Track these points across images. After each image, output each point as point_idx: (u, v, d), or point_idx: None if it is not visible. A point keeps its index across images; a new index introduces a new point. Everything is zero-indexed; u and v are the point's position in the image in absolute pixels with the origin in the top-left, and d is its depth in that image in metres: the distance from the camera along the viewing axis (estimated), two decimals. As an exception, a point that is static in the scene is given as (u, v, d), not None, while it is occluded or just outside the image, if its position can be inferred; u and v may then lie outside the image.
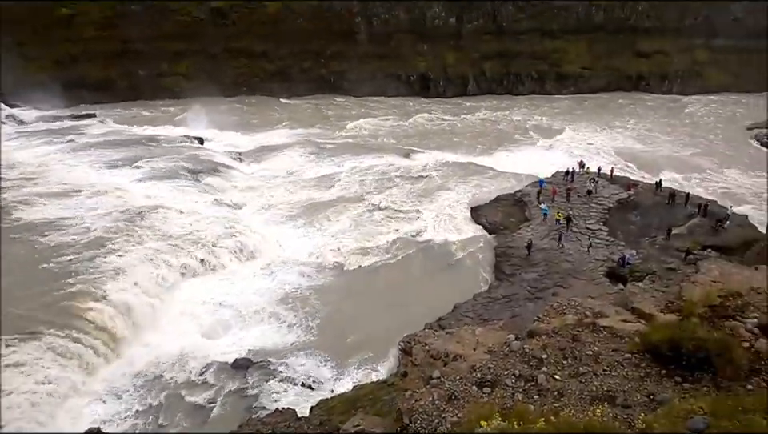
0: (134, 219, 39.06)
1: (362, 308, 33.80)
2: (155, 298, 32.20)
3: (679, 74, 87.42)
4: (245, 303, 33.33)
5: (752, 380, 6.02)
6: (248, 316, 32.17)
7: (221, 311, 32.32)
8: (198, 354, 28.33)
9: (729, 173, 61.14)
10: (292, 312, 33.04)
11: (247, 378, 27.04)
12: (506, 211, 45.91)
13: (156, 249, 35.65)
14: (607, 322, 8.03)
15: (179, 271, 35.16)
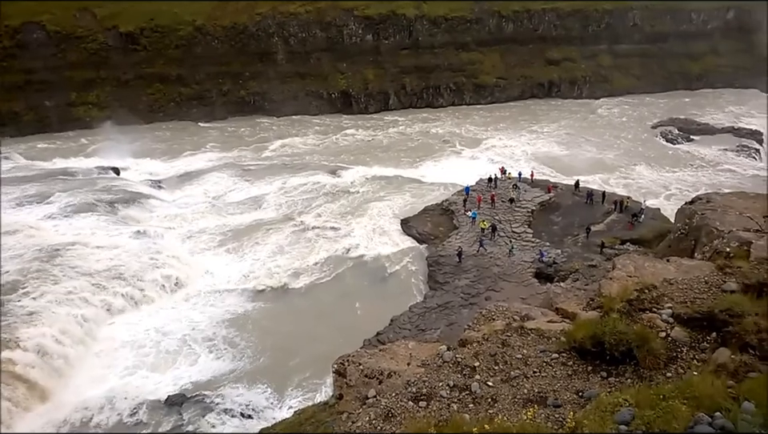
0: (48, 258, 36.61)
1: (299, 330, 33.18)
2: (76, 340, 30.27)
3: (587, 79, 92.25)
4: (175, 336, 31.98)
5: (671, 368, 6.23)
6: (180, 349, 30.87)
7: (150, 347, 30.87)
8: (129, 394, 26.89)
9: (639, 169, 65.01)
10: (226, 341, 31.96)
11: (182, 414, 25.83)
12: (434, 221, 46.63)
13: (74, 288, 33.56)
14: (534, 324, 8.14)
15: (102, 309, 33.37)
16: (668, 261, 8.61)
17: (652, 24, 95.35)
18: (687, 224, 10.96)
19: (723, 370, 5.78)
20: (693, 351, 6.39)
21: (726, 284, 7.46)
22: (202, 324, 33.26)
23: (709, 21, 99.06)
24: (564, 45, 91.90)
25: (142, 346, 30.89)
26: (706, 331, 6.53)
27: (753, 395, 4.98)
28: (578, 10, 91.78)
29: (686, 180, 61.79)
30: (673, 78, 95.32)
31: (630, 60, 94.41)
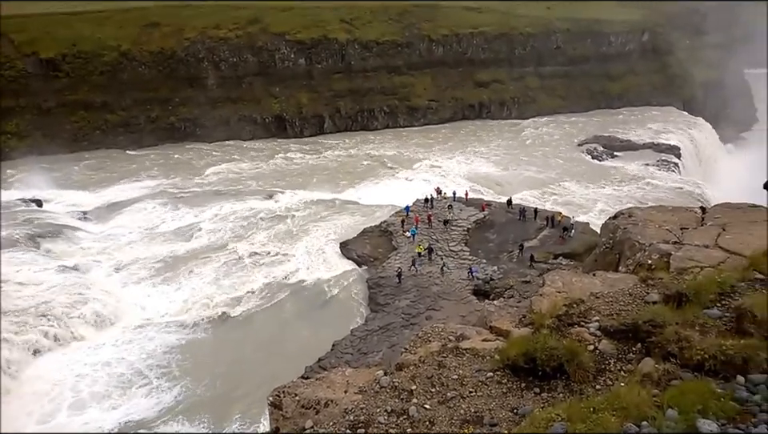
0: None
1: (238, 360, 32.18)
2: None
3: (516, 100, 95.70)
4: (107, 373, 30.46)
5: (599, 380, 6.33)
6: (112, 388, 29.33)
7: (80, 387, 29.25)
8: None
9: (568, 185, 67.66)
10: (161, 376, 30.57)
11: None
12: (374, 243, 46.63)
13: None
14: (469, 344, 8.15)
15: (27, 349, 31.40)
16: (594, 275, 8.86)
17: (574, 47, 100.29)
18: (611, 238, 11.40)
19: (648, 379, 5.91)
20: (620, 363, 6.53)
21: (648, 295, 7.71)
22: (135, 360, 31.74)
23: (626, 43, 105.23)
24: (492, 67, 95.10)
25: (73, 386, 29.14)
26: (632, 342, 6.71)
27: (675, 402, 5.10)
28: (504, 33, 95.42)
29: (612, 195, 64.79)
30: (595, 98, 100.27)
31: (555, 81, 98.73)
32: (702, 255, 9.21)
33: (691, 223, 10.94)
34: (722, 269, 8.32)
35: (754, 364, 5.51)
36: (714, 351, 5.70)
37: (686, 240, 10.03)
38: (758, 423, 4.71)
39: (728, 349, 5.64)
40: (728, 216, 10.94)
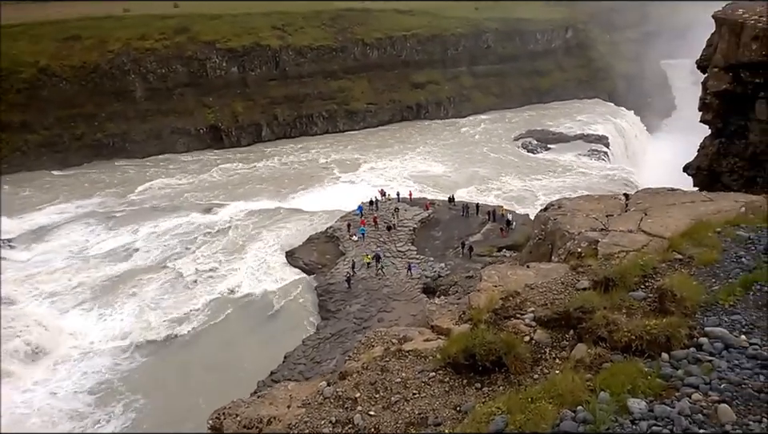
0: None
1: (185, 384, 31.16)
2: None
3: (452, 100, 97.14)
4: (42, 410, 28.70)
5: (536, 370, 6.45)
6: (49, 424, 27.64)
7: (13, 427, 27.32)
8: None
9: (507, 179, 69.40)
10: (102, 407, 29.22)
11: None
12: (320, 250, 46.33)
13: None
14: (411, 345, 8.16)
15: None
16: (528, 267, 9.06)
17: (503, 46, 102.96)
18: (543, 230, 11.73)
19: (581, 365, 6.06)
20: (555, 351, 6.68)
21: (579, 283, 7.94)
22: (72, 392, 30.17)
23: (552, 40, 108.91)
24: (427, 68, 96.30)
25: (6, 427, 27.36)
26: (565, 330, 6.87)
27: (607, 384, 5.24)
28: (436, 35, 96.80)
29: (548, 186, 66.89)
30: (527, 94, 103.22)
31: (488, 79, 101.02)
32: (627, 240, 9.60)
33: (616, 210, 11.40)
34: (645, 252, 8.68)
35: (676, 341, 5.74)
36: (639, 332, 5.90)
37: (611, 227, 10.44)
38: (681, 397, 4.90)
39: (652, 329, 5.85)
40: (649, 201, 11.47)
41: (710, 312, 6.17)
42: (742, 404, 4.67)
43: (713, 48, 26.53)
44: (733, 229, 8.21)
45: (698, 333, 5.84)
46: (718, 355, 5.43)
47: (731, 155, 26.10)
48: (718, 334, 5.68)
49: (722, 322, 5.95)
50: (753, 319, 5.91)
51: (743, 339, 5.57)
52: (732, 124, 26.01)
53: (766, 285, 6.38)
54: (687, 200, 11.62)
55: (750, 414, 4.56)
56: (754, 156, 24.51)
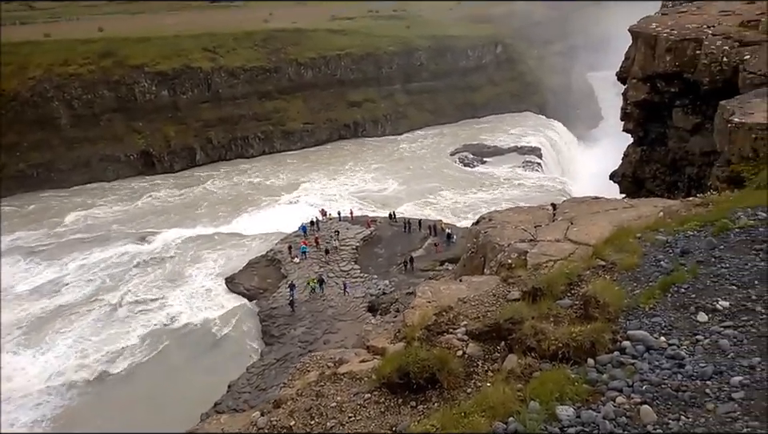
0: None
1: (123, 422, 29.62)
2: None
3: (388, 117, 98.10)
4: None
5: (470, 384, 6.43)
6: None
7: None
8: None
9: (446, 193, 70.54)
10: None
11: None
12: (261, 274, 45.46)
13: None
14: (347, 367, 8.01)
15: None
16: (461, 281, 9.12)
17: (436, 63, 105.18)
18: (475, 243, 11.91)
19: (512, 376, 6.07)
20: (487, 364, 6.68)
21: (509, 294, 8.02)
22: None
23: (482, 56, 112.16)
24: (363, 87, 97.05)
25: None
26: (496, 342, 6.90)
27: (537, 393, 5.26)
28: (370, 53, 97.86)
29: (486, 198, 68.44)
30: (461, 109, 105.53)
31: (423, 96, 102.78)
32: (554, 249, 9.85)
33: (544, 220, 11.72)
34: (571, 260, 8.92)
35: (601, 346, 5.84)
36: (566, 340, 5.98)
37: (540, 237, 10.71)
38: (606, 401, 4.97)
39: (578, 335, 5.94)
40: (575, 210, 11.86)
41: (632, 316, 6.33)
42: (662, 404, 4.78)
43: (631, 60, 28.05)
44: (652, 234, 8.52)
45: (621, 337, 5.97)
46: (639, 357, 5.56)
47: (653, 162, 27.54)
48: (639, 337, 5.82)
49: (643, 325, 6.10)
50: (671, 320, 6.10)
51: (662, 340, 5.73)
52: (652, 132, 27.49)
53: (682, 287, 6.62)
54: (610, 207, 12.11)
55: (670, 413, 4.67)
56: (673, 162, 25.94)
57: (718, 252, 7.24)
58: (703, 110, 23.14)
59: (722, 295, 6.21)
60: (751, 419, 4.30)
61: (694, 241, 7.83)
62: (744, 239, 7.44)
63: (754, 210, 8.25)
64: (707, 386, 4.81)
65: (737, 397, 4.56)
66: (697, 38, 22.87)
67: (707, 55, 21.96)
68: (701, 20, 24.88)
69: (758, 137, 13.67)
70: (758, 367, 4.88)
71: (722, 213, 8.39)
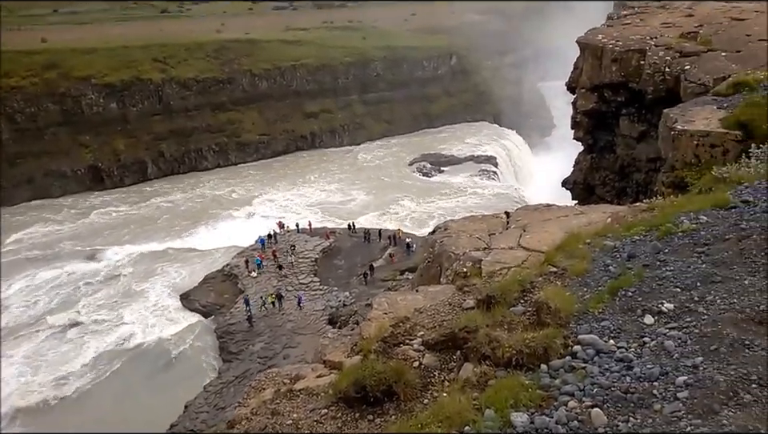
0: None
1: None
2: None
3: (346, 128, 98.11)
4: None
5: (427, 395, 6.41)
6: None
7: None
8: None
9: (405, 203, 70.89)
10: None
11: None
12: (218, 289, 44.56)
13: None
14: (303, 383, 7.87)
15: None
16: (417, 291, 9.13)
17: (392, 73, 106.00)
18: (431, 252, 11.98)
19: (468, 384, 6.09)
20: (443, 373, 6.68)
21: (465, 303, 8.06)
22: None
23: (438, 67, 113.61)
24: (319, 98, 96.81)
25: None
26: (452, 351, 6.91)
27: (492, 401, 5.28)
28: (325, 64, 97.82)
29: (444, 207, 69.11)
30: (418, 119, 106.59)
31: (380, 107, 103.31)
32: (508, 257, 9.99)
33: (498, 228, 11.90)
34: (524, 267, 9.05)
35: (553, 351, 5.92)
36: (519, 346, 6.03)
37: (494, 245, 10.86)
38: (558, 406, 5.03)
39: (531, 342, 6.01)
40: (527, 217, 12.10)
41: (582, 321, 6.43)
42: (612, 406, 4.86)
43: (579, 71, 28.91)
44: (601, 239, 8.72)
45: (573, 342, 6.06)
46: (590, 361, 5.65)
47: (602, 169, 28.39)
48: (589, 341, 5.92)
49: (593, 329, 6.20)
50: (619, 323, 6.23)
51: (612, 343, 5.85)
52: (601, 140, 28.36)
53: (629, 290, 6.79)
54: (561, 214, 12.39)
55: (619, 415, 4.76)
56: (622, 168, 26.80)
57: (663, 256, 7.45)
58: (648, 119, 24.02)
59: (666, 298, 6.38)
60: (695, 417, 4.42)
61: (640, 245, 8.04)
62: (687, 243, 7.68)
63: (696, 214, 8.54)
64: (654, 387, 4.93)
65: (681, 397, 4.69)
66: (641, 49, 23.77)
67: (651, 65, 22.85)
68: (644, 32, 25.86)
69: (699, 143, 14.25)
70: (701, 367, 5.03)
71: (667, 218, 8.65)
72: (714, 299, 6.06)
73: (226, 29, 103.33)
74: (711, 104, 15.96)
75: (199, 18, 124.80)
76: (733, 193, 9.24)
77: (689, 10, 28.59)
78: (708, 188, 11.27)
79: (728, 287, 6.24)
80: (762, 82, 15.85)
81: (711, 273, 6.63)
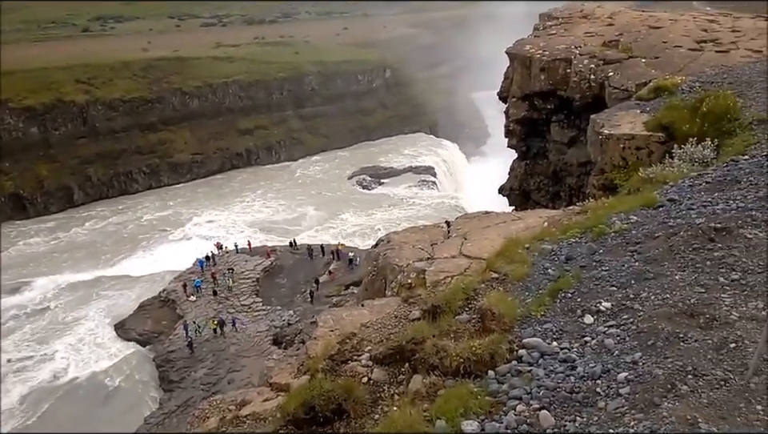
0: None
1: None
2: None
3: (282, 144, 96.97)
4: None
5: (377, 410, 6.32)
6: None
7: None
8: None
9: (347, 217, 70.72)
10: None
11: None
12: (155, 316, 42.85)
13: None
14: (250, 409, 7.62)
15: None
16: (363, 306, 9.04)
17: (327, 87, 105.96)
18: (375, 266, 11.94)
19: (418, 396, 6.05)
20: (393, 387, 6.61)
21: (411, 314, 8.04)
22: None
23: (372, 80, 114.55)
24: (253, 114, 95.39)
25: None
26: (401, 364, 6.85)
27: (442, 411, 5.27)
28: (258, 80, 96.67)
29: (386, 219, 69.40)
30: (355, 133, 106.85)
31: (317, 121, 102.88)
32: (451, 266, 10.08)
33: (440, 238, 12.02)
34: (467, 275, 9.15)
35: (500, 357, 5.97)
36: (466, 354, 6.05)
37: (436, 254, 10.95)
38: (507, 410, 5.07)
39: (477, 349, 6.03)
40: (467, 225, 12.29)
41: (526, 324, 6.54)
42: (559, 407, 4.94)
43: (509, 80, 29.82)
44: (539, 243, 8.93)
45: (518, 346, 6.13)
46: (535, 364, 5.73)
47: (537, 174, 29.30)
48: (533, 344, 6.01)
49: (536, 332, 6.31)
50: (561, 324, 6.36)
51: (555, 345, 5.96)
52: (534, 146, 29.30)
53: (569, 292, 6.96)
54: (500, 221, 12.66)
55: (566, 415, 4.83)
56: (555, 173, 27.74)
57: (598, 256, 7.70)
58: (577, 124, 25.02)
59: (604, 297, 6.57)
60: (637, 411, 4.55)
61: (576, 247, 8.27)
62: (620, 242, 7.97)
63: (626, 214, 8.90)
64: (597, 385, 5.04)
65: (623, 392, 4.82)
66: (566, 58, 24.77)
67: (577, 73, 23.86)
68: (569, 41, 26.94)
69: (625, 146, 14.96)
70: (640, 362, 5.20)
71: (599, 219, 8.95)
72: (648, 296, 6.29)
73: (153, 47, 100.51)
74: (635, 108, 16.79)
75: (124, 37, 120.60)
76: (659, 192, 9.72)
77: (609, 20, 30.05)
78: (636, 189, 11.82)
79: (660, 283, 6.50)
80: (680, 86, 16.81)
81: (644, 270, 6.89)
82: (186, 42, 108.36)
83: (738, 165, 9.90)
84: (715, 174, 9.75)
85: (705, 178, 9.72)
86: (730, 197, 8.42)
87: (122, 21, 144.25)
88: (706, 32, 24.66)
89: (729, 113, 13.35)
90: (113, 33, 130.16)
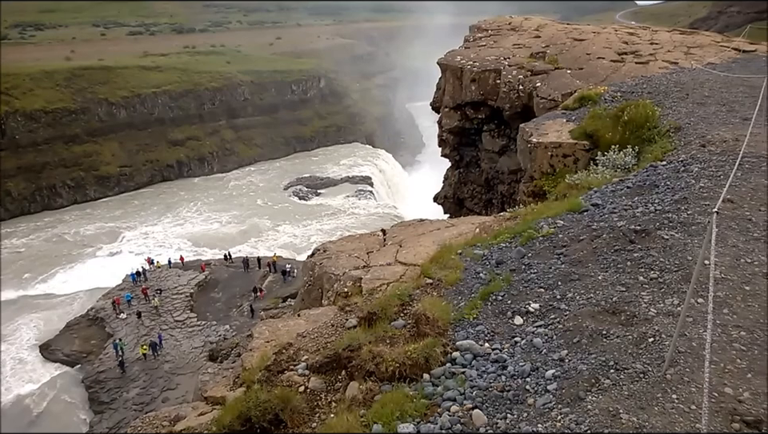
0: None
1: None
2: None
3: (215, 155, 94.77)
4: None
5: (315, 418, 6.30)
6: None
7: None
8: None
9: (283, 228, 69.78)
10: None
11: None
12: (83, 335, 40.78)
13: None
14: (184, 424, 7.40)
15: None
16: (299, 316, 8.98)
17: (261, 97, 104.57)
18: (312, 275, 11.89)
19: (355, 403, 6.08)
20: (330, 395, 6.61)
21: (347, 322, 8.06)
22: None
23: (307, 90, 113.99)
24: (184, 125, 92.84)
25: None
26: (337, 372, 6.87)
27: (379, 416, 5.33)
28: (189, 90, 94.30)
29: (323, 229, 69.04)
30: (290, 143, 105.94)
31: (251, 131, 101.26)
32: (387, 273, 10.19)
33: (376, 246, 12.12)
34: (402, 281, 9.28)
35: (434, 360, 6.10)
36: (402, 359, 6.14)
37: (372, 262, 11.02)
38: (442, 412, 5.19)
39: (412, 353, 6.14)
40: (403, 233, 12.46)
41: (459, 327, 6.70)
42: (491, 406, 5.10)
43: (442, 91, 30.40)
44: (471, 249, 9.16)
45: (451, 348, 6.28)
46: (468, 365, 5.89)
47: (470, 182, 30.00)
48: (467, 346, 6.18)
49: (469, 334, 6.48)
50: (493, 326, 6.57)
51: (487, 346, 6.15)
52: (467, 155, 29.98)
53: (499, 294, 7.20)
54: (434, 228, 12.90)
55: (498, 413, 5.00)
56: (487, 181, 28.50)
57: (527, 259, 8.00)
58: (507, 133, 25.84)
59: (533, 298, 6.84)
60: (564, 406, 4.77)
61: (506, 252, 8.55)
62: (547, 246, 8.30)
63: (554, 219, 9.27)
64: (527, 382, 5.26)
65: (551, 389, 5.05)
66: (496, 69, 25.55)
67: (506, 84, 24.65)
68: (498, 52, 27.81)
69: (553, 154, 15.58)
70: (566, 359, 5.45)
71: (528, 224, 9.29)
72: (574, 296, 6.61)
73: (77, 55, 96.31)
74: (561, 117, 17.52)
75: (45, 45, 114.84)
76: (584, 197, 10.19)
77: (536, 32, 31.23)
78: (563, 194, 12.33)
79: (585, 284, 6.84)
80: (603, 95, 17.70)
81: (570, 272, 7.23)
82: (111, 51, 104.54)
83: (656, 170, 10.45)
84: (636, 180, 10.27)
85: (626, 184, 10.23)
86: (649, 201, 8.91)
87: (42, 28, 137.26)
88: (626, 44, 26.04)
89: (648, 121, 14.04)
90: (32, 41, 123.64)
